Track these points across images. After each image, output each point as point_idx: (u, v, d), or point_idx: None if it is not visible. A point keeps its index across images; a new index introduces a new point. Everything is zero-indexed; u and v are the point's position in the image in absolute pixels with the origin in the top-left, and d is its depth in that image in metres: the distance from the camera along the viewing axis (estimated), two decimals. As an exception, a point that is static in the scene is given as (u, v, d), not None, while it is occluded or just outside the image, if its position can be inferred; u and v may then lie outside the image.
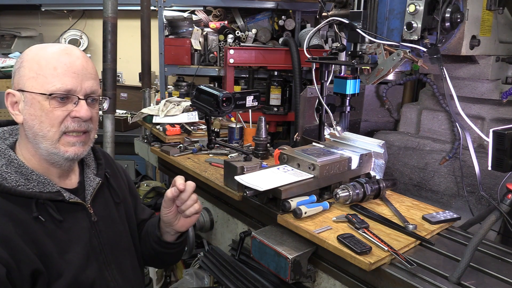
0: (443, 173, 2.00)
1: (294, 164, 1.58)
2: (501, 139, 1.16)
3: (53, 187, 1.21)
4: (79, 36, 5.06)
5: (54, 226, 1.18)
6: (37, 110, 1.16)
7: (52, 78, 1.16)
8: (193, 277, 2.55)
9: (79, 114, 1.19)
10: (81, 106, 1.19)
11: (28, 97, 1.17)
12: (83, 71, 1.20)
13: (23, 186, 1.16)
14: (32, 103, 1.17)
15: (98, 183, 1.34)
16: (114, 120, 2.62)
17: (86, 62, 1.22)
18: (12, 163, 1.18)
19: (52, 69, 1.16)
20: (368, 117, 2.61)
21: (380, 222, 1.39)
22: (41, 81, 1.16)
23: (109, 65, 2.55)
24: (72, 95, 1.18)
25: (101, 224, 1.31)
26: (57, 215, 1.18)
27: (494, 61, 1.87)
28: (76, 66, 1.19)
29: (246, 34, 3.59)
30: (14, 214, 1.11)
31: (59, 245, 1.17)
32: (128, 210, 1.47)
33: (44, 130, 1.17)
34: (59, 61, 1.17)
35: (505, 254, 1.27)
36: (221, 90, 1.68)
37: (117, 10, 2.55)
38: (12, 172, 1.16)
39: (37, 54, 1.19)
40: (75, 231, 1.23)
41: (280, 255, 1.33)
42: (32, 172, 1.19)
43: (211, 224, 1.95)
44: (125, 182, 1.53)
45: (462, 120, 1.60)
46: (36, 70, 1.16)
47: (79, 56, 1.21)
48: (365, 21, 1.68)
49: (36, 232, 1.13)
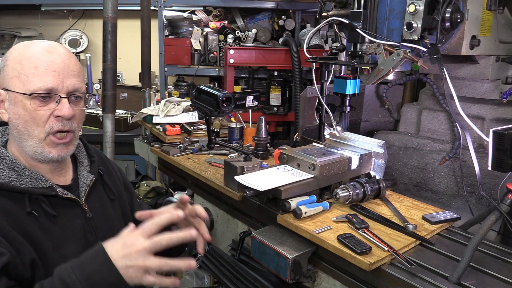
0: (443, 173, 2.00)
1: (294, 164, 1.58)
2: (501, 139, 1.16)
3: (46, 182, 1.21)
4: (79, 36, 5.06)
5: (48, 222, 1.18)
6: (20, 109, 1.16)
7: (33, 77, 1.15)
8: (193, 277, 2.55)
9: (61, 113, 1.18)
10: (63, 104, 1.18)
11: (12, 96, 1.17)
12: (65, 69, 1.19)
13: (16, 182, 1.16)
14: (15, 102, 1.17)
15: (91, 180, 1.34)
16: (114, 120, 2.62)
17: (68, 60, 1.21)
18: (5, 160, 1.18)
19: (33, 68, 1.15)
20: (368, 117, 2.61)
21: (380, 222, 1.39)
22: (23, 80, 1.15)
23: (109, 65, 2.56)
24: (54, 93, 1.17)
25: (97, 220, 1.31)
26: (51, 210, 1.18)
27: (494, 61, 1.87)
28: (57, 64, 1.18)
29: (246, 34, 3.59)
30: (7, 209, 1.12)
31: (54, 240, 1.17)
32: (124, 206, 1.48)
33: (29, 129, 1.17)
34: (40, 60, 1.16)
35: (505, 254, 1.27)
36: (221, 90, 1.68)
37: (117, 10, 2.56)
38: (5, 168, 1.17)
39: (20, 53, 1.18)
40: (70, 227, 1.23)
41: (280, 255, 1.33)
42: (24, 168, 1.19)
43: (211, 224, 1.95)
44: (120, 179, 1.53)
45: (462, 120, 1.60)
46: (18, 69, 1.16)
47: (61, 53, 1.20)
48: (365, 21, 1.68)
49: (30, 227, 1.13)
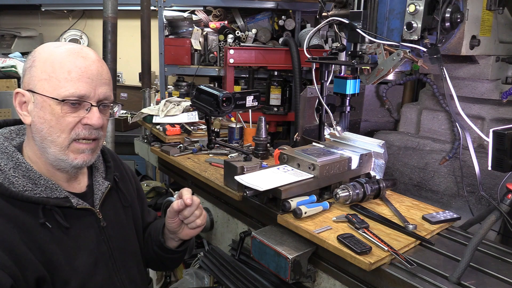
0: (443, 173, 2.00)
1: (294, 164, 1.58)
2: (501, 139, 1.16)
3: (61, 192, 1.17)
4: (79, 36, 5.06)
5: (61, 233, 1.14)
6: (47, 114, 1.11)
7: (65, 82, 1.10)
8: (193, 277, 2.55)
9: (91, 121, 1.14)
10: (93, 113, 1.15)
11: (39, 99, 1.12)
12: (98, 77, 1.15)
13: (30, 191, 1.12)
14: (42, 106, 1.12)
15: (107, 187, 1.31)
16: (114, 120, 2.62)
17: (101, 67, 1.17)
18: (20, 166, 1.13)
19: (66, 73, 1.11)
20: (368, 117, 2.61)
21: (380, 222, 1.39)
22: (54, 84, 1.10)
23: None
24: (85, 101, 1.13)
25: (110, 229, 1.28)
26: (64, 222, 1.15)
27: (494, 61, 1.87)
28: (91, 71, 1.13)
29: (246, 34, 3.59)
30: (20, 220, 1.08)
31: (66, 252, 1.14)
32: (135, 213, 1.45)
33: (53, 135, 1.12)
34: (74, 65, 1.11)
35: (505, 254, 1.27)
36: (221, 90, 1.68)
37: (117, 10, 2.55)
38: (20, 176, 1.12)
39: (51, 54, 1.13)
40: (83, 238, 1.20)
41: (280, 255, 1.33)
42: (40, 176, 1.14)
43: (211, 224, 1.95)
44: (133, 185, 1.50)
45: (462, 120, 1.60)
46: (49, 72, 1.11)
47: (94, 60, 1.16)
48: (365, 21, 1.68)
49: (42, 238, 1.10)
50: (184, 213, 1.33)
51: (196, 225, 1.36)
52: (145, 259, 1.49)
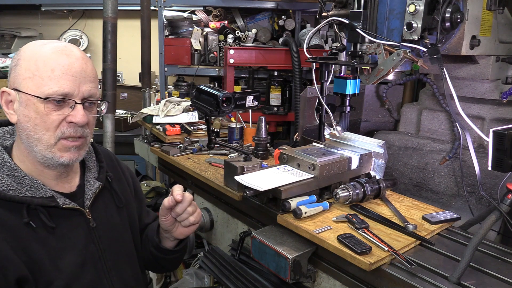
0: (443, 173, 2.00)
1: (294, 164, 1.58)
2: (501, 139, 1.16)
3: (47, 192, 1.16)
4: (79, 36, 5.06)
5: (46, 233, 1.13)
6: (31, 112, 1.11)
7: (49, 80, 1.10)
8: (193, 277, 2.55)
9: (75, 119, 1.14)
10: (78, 111, 1.14)
11: (23, 97, 1.12)
12: (82, 74, 1.14)
13: (14, 191, 1.11)
14: (27, 104, 1.12)
15: (98, 187, 1.29)
16: (114, 120, 2.62)
17: (85, 64, 1.16)
18: (5, 166, 1.14)
19: (50, 71, 1.10)
20: (368, 117, 2.61)
21: (380, 222, 1.39)
22: (37, 82, 1.10)
23: (109, 65, 2.55)
24: (69, 99, 1.13)
25: (101, 229, 1.26)
26: (49, 221, 1.14)
27: (494, 61, 1.87)
28: (75, 68, 1.13)
29: (246, 34, 3.59)
30: (3, 219, 1.08)
31: (50, 252, 1.13)
32: (132, 214, 1.43)
33: (38, 133, 1.12)
34: (57, 63, 1.11)
35: (505, 254, 1.27)
36: (221, 90, 1.68)
37: (117, 10, 2.55)
38: (4, 176, 1.12)
39: (35, 53, 1.12)
40: (70, 238, 1.19)
41: (280, 255, 1.33)
42: (24, 176, 1.14)
43: (211, 224, 1.95)
44: (130, 185, 1.48)
45: (462, 120, 1.60)
46: (33, 70, 1.11)
47: (78, 57, 1.15)
48: (365, 21, 1.68)
49: (26, 238, 1.10)
50: (176, 210, 1.30)
51: (190, 223, 1.33)
52: (143, 260, 1.48)
